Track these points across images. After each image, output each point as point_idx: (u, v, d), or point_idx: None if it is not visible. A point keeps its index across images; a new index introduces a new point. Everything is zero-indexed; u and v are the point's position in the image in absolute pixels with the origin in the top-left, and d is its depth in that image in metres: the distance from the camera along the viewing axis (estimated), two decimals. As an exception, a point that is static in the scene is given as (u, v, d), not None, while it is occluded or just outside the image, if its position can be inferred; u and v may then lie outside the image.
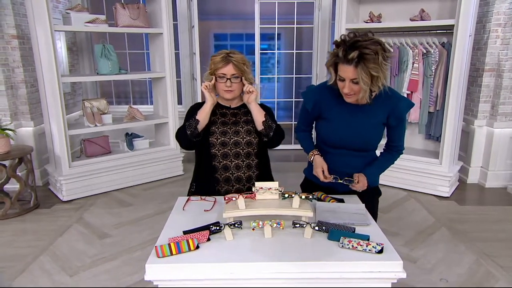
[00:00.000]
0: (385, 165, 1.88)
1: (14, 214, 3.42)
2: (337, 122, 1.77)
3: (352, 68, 1.53)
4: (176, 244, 1.32)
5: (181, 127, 1.96)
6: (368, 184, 1.77)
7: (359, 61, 1.51)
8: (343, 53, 1.53)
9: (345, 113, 1.75)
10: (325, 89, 1.78)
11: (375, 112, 1.74)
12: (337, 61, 1.58)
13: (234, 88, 1.92)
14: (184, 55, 5.55)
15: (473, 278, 2.50)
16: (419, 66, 3.88)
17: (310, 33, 5.70)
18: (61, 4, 4.82)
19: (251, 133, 1.97)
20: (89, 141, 4.02)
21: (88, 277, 2.52)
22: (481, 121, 4.13)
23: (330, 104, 1.77)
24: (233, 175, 1.96)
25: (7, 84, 3.90)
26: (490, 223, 3.31)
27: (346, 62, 1.53)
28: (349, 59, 1.51)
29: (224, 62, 1.88)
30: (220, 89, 1.93)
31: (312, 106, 1.80)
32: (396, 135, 1.85)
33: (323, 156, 1.86)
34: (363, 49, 1.50)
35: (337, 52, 1.56)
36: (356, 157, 1.83)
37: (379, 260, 1.29)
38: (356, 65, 1.51)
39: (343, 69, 1.56)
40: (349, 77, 1.56)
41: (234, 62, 1.88)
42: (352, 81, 1.57)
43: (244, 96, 1.94)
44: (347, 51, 1.52)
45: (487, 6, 3.93)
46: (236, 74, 1.90)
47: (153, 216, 3.44)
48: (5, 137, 3.36)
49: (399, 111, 1.74)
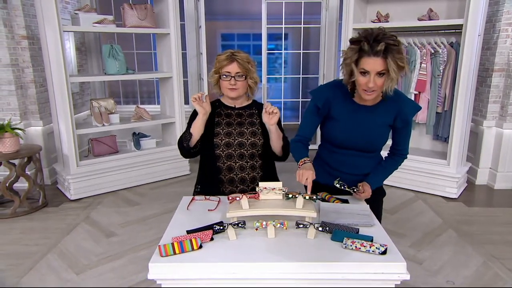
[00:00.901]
0: (388, 171, 1.89)
1: (23, 213, 3.46)
2: (344, 121, 1.76)
3: (380, 60, 1.52)
4: (179, 244, 1.33)
5: (182, 135, 1.98)
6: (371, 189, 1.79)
7: (386, 53, 1.51)
8: (368, 46, 1.52)
9: (352, 113, 1.75)
10: (336, 88, 1.78)
11: (382, 114, 1.74)
12: (362, 55, 1.55)
13: (238, 87, 1.92)
14: (191, 55, 5.57)
15: (480, 280, 2.47)
16: (427, 66, 3.85)
17: (317, 33, 5.68)
18: (70, 4, 4.87)
19: (256, 134, 1.97)
20: (97, 141, 4.05)
21: (94, 275, 2.55)
22: (490, 122, 4.08)
23: (339, 103, 1.76)
24: (237, 176, 1.96)
25: (17, 84, 3.95)
26: (499, 225, 3.26)
27: (374, 55, 1.52)
28: (377, 51, 1.51)
29: (228, 60, 1.89)
30: (224, 87, 1.94)
31: (323, 103, 1.77)
32: (401, 138, 1.84)
33: (328, 156, 1.86)
34: (387, 40, 1.51)
35: (361, 46, 1.54)
36: (361, 157, 1.83)
37: (382, 261, 1.28)
38: (385, 56, 1.52)
39: (369, 62, 1.54)
40: (376, 69, 1.54)
41: (238, 61, 1.89)
42: (378, 74, 1.55)
43: (264, 116, 1.84)
44: (372, 44, 1.52)
45: (497, 5, 3.88)
46: (241, 73, 1.90)
47: (159, 215, 3.46)
48: (14, 136, 3.41)
49: (406, 113, 1.74)
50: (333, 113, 1.78)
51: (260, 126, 2.00)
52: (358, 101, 1.75)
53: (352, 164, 1.84)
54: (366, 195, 1.77)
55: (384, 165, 1.89)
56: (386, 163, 1.89)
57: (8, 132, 3.36)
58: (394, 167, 1.90)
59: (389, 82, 1.57)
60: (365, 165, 1.85)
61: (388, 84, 1.58)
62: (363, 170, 1.85)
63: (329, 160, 1.89)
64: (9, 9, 3.85)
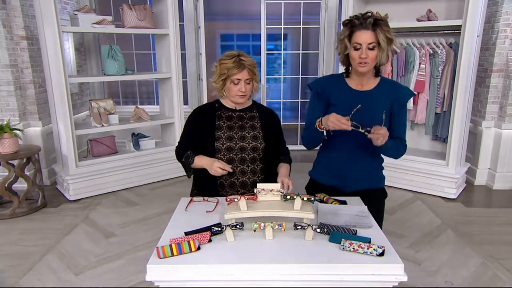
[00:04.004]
0: (395, 145, 1.83)
1: (22, 213, 3.47)
2: (343, 106, 1.77)
3: (370, 32, 1.67)
4: (177, 245, 1.33)
5: (181, 143, 2.02)
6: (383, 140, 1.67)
7: (375, 26, 1.67)
8: (359, 21, 1.68)
9: (350, 99, 1.80)
10: (332, 78, 1.92)
11: (379, 99, 1.81)
12: (353, 30, 1.70)
13: (247, 92, 1.93)
14: (190, 55, 5.57)
15: (478, 281, 2.47)
16: (426, 66, 3.85)
17: (317, 34, 5.68)
18: (69, 5, 4.87)
19: (257, 138, 1.97)
20: (96, 141, 4.05)
21: (93, 276, 2.55)
22: (489, 122, 4.08)
23: (337, 90, 1.85)
24: (238, 180, 1.96)
25: (16, 85, 3.95)
26: (497, 225, 3.27)
27: (364, 28, 1.67)
28: (367, 24, 1.67)
29: (238, 68, 1.87)
30: (233, 94, 1.92)
31: (322, 89, 1.87)
32: (399, 124, 1.85)
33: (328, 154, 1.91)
34: (375, 16, 1.69)
35: (352, 23, 1.70)
36: (361, 152, 1.84)
37: (380, 263, 1.28)
38: (374, 28, 1.67)
39: (360, 35, 1.68)
40: (366, 41, 1.67)
41: (248, 67, 1.89)
42: (369, 46, 1.68)
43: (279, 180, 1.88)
44: (362, 20, 1.68)
45: (496, 6, 3.88)
46: (250, 79, 1.92)
47: (158, 216, 3.46)
48: (13, 137, 3.41)
49: (402, 96, 1.83)
50: (332, 100, 1.85)
51: (261, 129, 2.00)
52: (354, 87, 1.83)
53: (352, 160, 1.85)
54: (384, 133, 1.65)
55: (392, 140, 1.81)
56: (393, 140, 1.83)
57: (7, 133, 3.36)
58: (400, 146, 1.85)
59: (381, 54, 1.72)
60: (365, 162, 1.86)
61: (380, 56, 1.72)
62: (363, 167, 1.86)
63: (329, 158, 1.92)
64: (8, 10, 3.85)
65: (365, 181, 1.89)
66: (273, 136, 2.03)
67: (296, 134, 5.83)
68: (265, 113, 2.07)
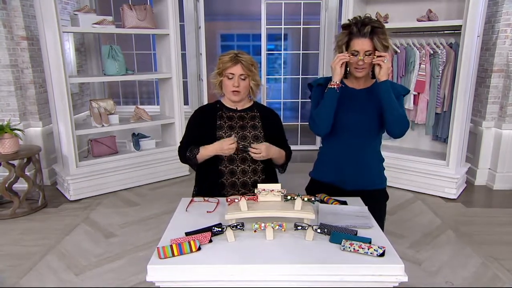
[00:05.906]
0: (397, 105, 1.79)
1: (23, 213, 3.47)
2: (342, 103, 1.81)
3: (368, 40, 1.72)
4: (178, 246, 1.33)
5: (183, 144, 2.01)
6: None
7: (373, 34, 1.71)
8: (357, 29, 1.72)
9: (349, 96, 1.85)
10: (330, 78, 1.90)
11: (375, 96, 1.82)
12: (351, 38, 1.75)
13: (241, 89, 1.93)
14: (191, 55, 5.57)
15: (479, 281, 2.47)
16: (426, 67, 3.85)
17: (317, 34, 5.68)
18: (69, 5, 4.88)
19: (258, 138, 1.98)
20: (96, 141, 4.05)
21: (94, 276, 2.55)
22: (489, 123, 4.08)
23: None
24: (239, 180, 1.96)
25: (16, 85, 3.96)
26: (498, 225, 3.27)
27: (361, 36, 1.72)
28: (364, 33, 1.71)
29: (233, 62, 1.90)
30: (227, 90, 1.95)
31: (323, 82, 1.89)
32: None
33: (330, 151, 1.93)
34: (373, 24, 1.72)
35: (350, 30, 1.75)
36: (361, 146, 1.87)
37: (380, 263, 1.28)
38: (371, 37, 1.71)
39: (358, 43, 1.73)
40: (364, 49, 1.73)
41: (243, 62, 1.90)
42: (366, 53, 1.73)
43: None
44: (360, 27, 1.72)
45: (496, 6, 3.88)
46: (244, 75, 1.91)
47: (159, 216, 3.46)
48: (14, 137, 3.41)
49: (395, 89, 1.85)
50: None
51: (262, 129, 2.00)
52: (351, 86, 1.87)
53: (353, 154, 1.86)
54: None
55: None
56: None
57: (7, 133, 3.36)
58: (400, 111, 1.79)
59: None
60: (366, 158, 1.88)
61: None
62: (364, 161, 1.87)
63: (330, 155, 1.93)
64: (9, 10, 3.85)
65: (366, 179, 1.89)
66: (274, 135, 2.03)
67: (296, 134, 5.83)
68: (266, 113, 2.08)
